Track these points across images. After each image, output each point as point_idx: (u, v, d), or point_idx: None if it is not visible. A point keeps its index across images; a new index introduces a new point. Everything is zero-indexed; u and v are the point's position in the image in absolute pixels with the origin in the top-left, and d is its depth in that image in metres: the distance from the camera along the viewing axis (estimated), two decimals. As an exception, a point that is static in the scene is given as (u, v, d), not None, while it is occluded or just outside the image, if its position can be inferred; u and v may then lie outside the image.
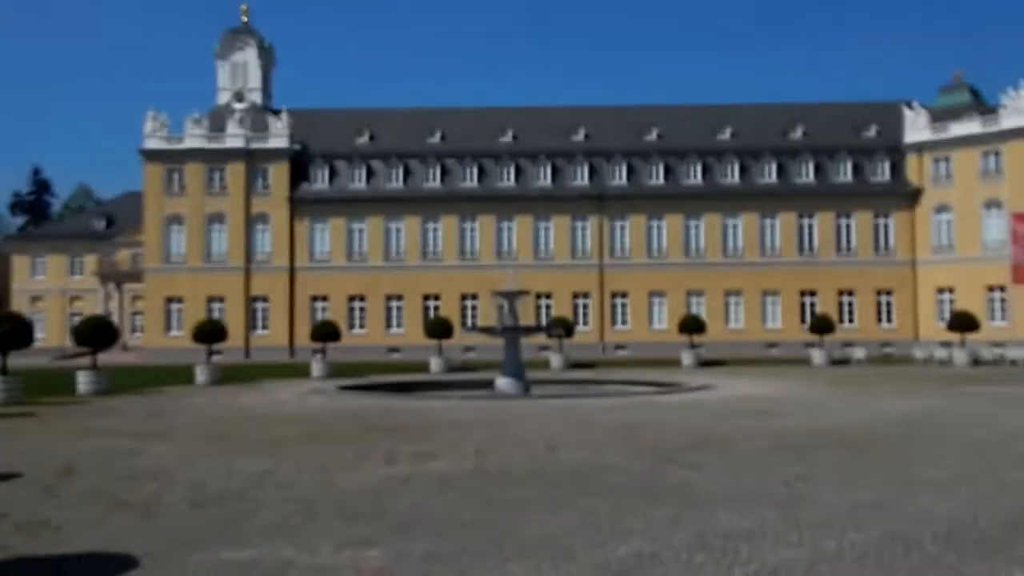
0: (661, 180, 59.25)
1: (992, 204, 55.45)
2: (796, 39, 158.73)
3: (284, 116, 59.80)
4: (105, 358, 34.00)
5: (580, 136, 61.21)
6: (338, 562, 7.36)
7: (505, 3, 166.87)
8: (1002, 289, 52.93)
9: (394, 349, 56.13)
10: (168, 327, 57.87)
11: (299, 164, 59.36)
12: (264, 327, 58.44)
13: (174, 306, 58.23)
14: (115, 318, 62.52)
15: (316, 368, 37.40)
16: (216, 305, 57.49)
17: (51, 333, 71.08)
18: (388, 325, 58.52)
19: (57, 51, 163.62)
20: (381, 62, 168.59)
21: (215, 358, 36.52)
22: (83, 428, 18.15)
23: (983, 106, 60.40)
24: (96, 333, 29.77)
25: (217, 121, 60.10)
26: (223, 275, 58.17)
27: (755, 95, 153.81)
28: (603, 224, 58.90)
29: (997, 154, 55.57)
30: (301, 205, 58.95)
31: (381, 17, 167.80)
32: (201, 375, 33.15)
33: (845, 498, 9.92)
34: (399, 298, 58.61)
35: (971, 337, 44.10)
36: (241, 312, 57.63)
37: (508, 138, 61.10)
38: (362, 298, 58.65)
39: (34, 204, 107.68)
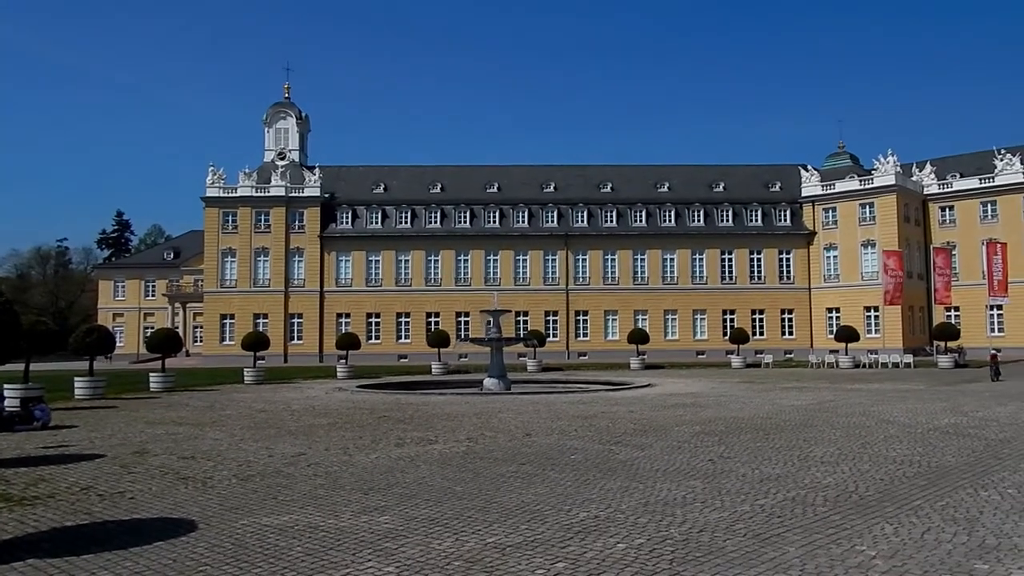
0: (614, 223, 59.47)
1: (868, 244, 56.04)
2: (719, 114, 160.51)
3: (317, 171, 59.68)
4: (171, 363, 33.55)
5: (551, 188, 61.39)
6: (356, 525, 7.27)
7: (491, 83, 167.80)
8: (876, 309, 53.37)
9: (403, 356, 55.76)
10: (223, 338, 57.24)
11: (328, 209, 59.15)
12: (299, 338, 57.92)
13: (227, 321, 57.62)
14: (180, 331, 61.78)
15: (340, 371, 37.03)
16: (261, 320, 56.93)
17: (129, 342, 70.24)
18: (398, 337, 58.16)
19: (135, 118, 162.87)
20: (394, 128, 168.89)
21: (260, 363, 36.09)
22: (154, 418, 17.89)
23: (860, 168, 61.27)
24: (165, 342, 29.39)
25: (264, 175, 59.90)
26: (267, 296, 57.68)
27: (687, 158, 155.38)
28: (568, 257, 58.99)
29: (871, 205, 56.26)
30: (329, 241, 58.67)
31: (395, 92, 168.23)
32: (248, 376, 32.75)
33: (756, 471, 9.92)
34: (407, 315, 58.30)
35: (853, 346, 44.34)
36: (281, 326, 57.11)
37: (494, 189, 61.18)
38: (378, 315, 58.29)
39: (117, 240, 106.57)
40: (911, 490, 8.69)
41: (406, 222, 59.34)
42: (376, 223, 59.33)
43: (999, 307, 51.82)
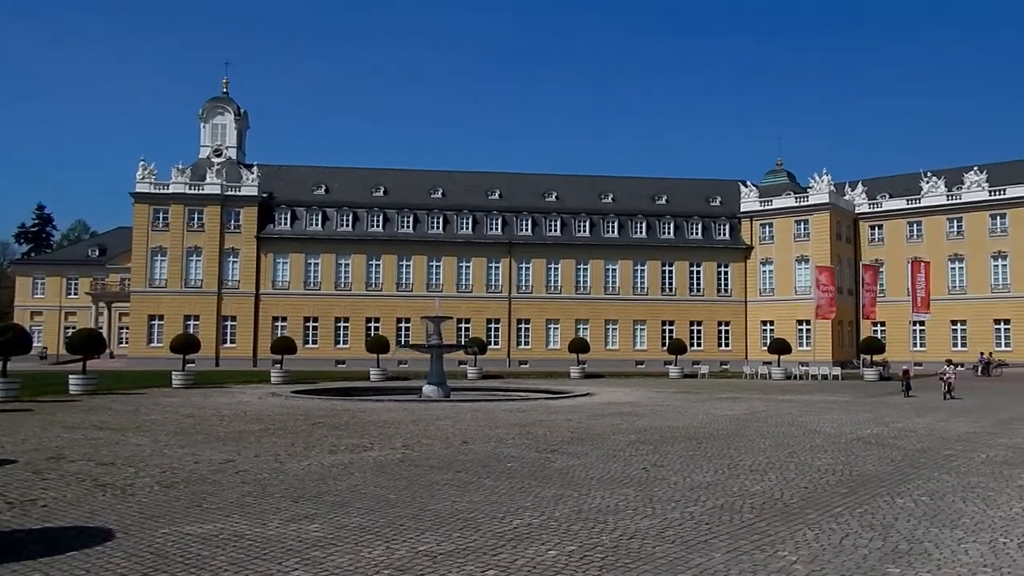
0: (558, 232, 59.99)
1: (802, 259, 57.99)
2: (663, 128, 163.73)
3: (255, 170, 58.51)
4: (94, 364, 32.29)
5: (496, 196, 61.57)
6: (284, 534, 7.15)
7: (436, 87, 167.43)
8: (808, 323, 55.22)
9: (341, 361, 54.98)
10: (150, 340, 55.45)
11: (266, 209, 58.01)
12: (232, 341, 56.53)
13: (156, 322, 55.84)
14: (104, 331, 59.52)
15: (275, 375, 36.23)
16: (192, 322, 55.37)
17: (48, 343, 67.40)
18: (336, 342, 57.34)
19: (61, 107, 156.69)
20: (337, 128, 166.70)
21: (189, 366, 35.03)
22: (72, 422, 17.16)
23: (797, 186, 63.42)
24: (87, 343, 28.24)
25: (198, 171, 58.38)
26: (199, 297, 56.15)
27: (631, 170, 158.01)
28: (512, 265, 59.22)
29: (806, 222, 58.27)
30: (267, 242, 57.51)
31: (337, 91, 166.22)
32: (177, 380, 31.74)
33: (687, 480, 10.14)
34: (346, 320, 57.56)
35: (785, 358, 45.70)
36: (213, 328, 55.66)
37: (438, 195, 61.02)
38: (315, 319, 57.37)
39: (37, 235, 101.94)
40: (833, 497, 9.02)
41: (347, 225, 58.61)
42: (316, 225, 58.41)
43: (921, 323, 54.34)
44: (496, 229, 59.40)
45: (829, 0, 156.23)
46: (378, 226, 58.76)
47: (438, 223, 59.27)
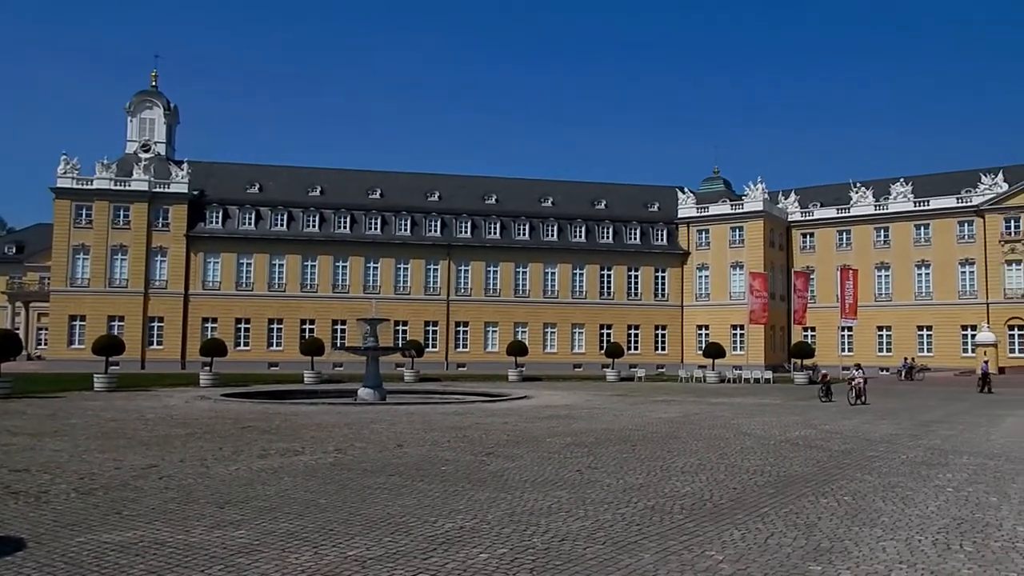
0: (497, 235, 60.12)
1: (736, 265, 59.60)
2: (603, 132, 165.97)
3: (185, 166, 56.82)
4: (9, 366, 30.79)
5: (435, 197, 61.31)
6: (208, 540, 6.97)
7: (378, 83, 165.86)
8: (741, 327, 56.72)
9: (274, 364, 53.83)
10: (71, 341, 53.18)
11: (197, 207, 56.37)
12: (159, 343, 54.70)
13: (77, 323, 53.58)
14: (21, 332, 56.88)
15: (204, 378, 35.23)
16: (116, 323, 53.32)
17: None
18: (269, 344, 56.10)
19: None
20: (272, 125, 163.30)
21: (113, 368, 33.74)
22: (-17, 428, 16.35)
23: (732, 193, 65.15)
24: (1, 344, 26.90)
25: (125, 167, 56.31)
26: (123, 297, 54.16)
27: (570, 174, 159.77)
28: (451, 268, 59.07)
29: (740, 229, 59.92)
30: (197, 241, 55.89)
31: (273, 87, 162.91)
32: (99, 382, 30.54)
33: (621, 481, 10.31)
34: (280, 322, 56.39)
35: (719, 361, 46.84)
36: (139, 329, 53.76)
37: (376, 195, 60.41)
38: (247, 321, 56.02)
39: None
40: (760, 498, 9.31)
41: (282, 225, 57.47)
42: (249, 224, 57.08)
43: (849, 328, 56.54)
44: (435, 231, 59.16)
45: (765, 22, 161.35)
46: (314, 226, 57.82)
47: (376, 224, 58.70)
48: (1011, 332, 53.91)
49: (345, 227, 58.14)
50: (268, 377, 44.06)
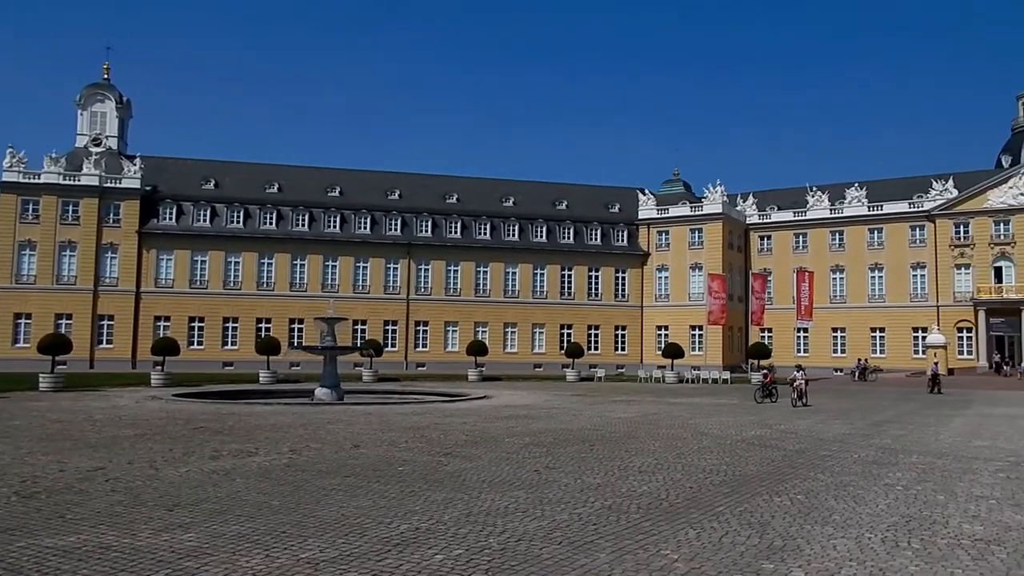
0: (458, 234, 59.98)
1: (695, 266, 60.40)
2: (563, 132, 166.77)
3: (137, 161, 55.47)
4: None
5: (395, 196, 60.91)
6: (156, 544, 6.81)
7: (338, 80, 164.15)
8: (700, 328, 57.49)
9: (229, 363, 52.89)
10: (15, 340, 51.53)
11: (150, 203, 55.07)
12: (109, 342, 53.33)
13: (22, 321, 51.92)
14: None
15: (156, 378, 34.46)
16: (64, 321, 51.81)
17: None
18: (224, 343, 55.11)
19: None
20: (229, 120, 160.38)
21: (60, 368, 32.79)
22: (-82, 429, 15.74)
23: (692, 196, 66.03)
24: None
25: (75, 161, 54.80)
26: (72, 295, 52.67)
27: (532, 174, 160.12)
28: (411, 267, 58.75)
29: (700, 231, 60.74)
30: (149, 238, 54.63)
31: (230, 81, 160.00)
32: (45, 382, 29.65)
33: (578, 481, 10.36)
34: (235, 320, 55.42)
35: (678, 362, 47.33)
36: (88, 328, 52.33)
37: (335, 193, 59.77)
38: (202, 319, 54.95)
39: None
40: (716, 497, 9.44)
41: (238, 222, 56.51)
42: (204, 221, 55.99)
43: (805, 330, 57.77)
44: (395, 229, 58.77)
45: (725, 25, 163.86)
46: (271, 224, 56.98)
47: (335, 222, 58.09)
48: (960, 334, 55.62)
49: (303, 225, 57.43)
50: (222, 377, 43.26)
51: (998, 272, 54.86)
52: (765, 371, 32.04)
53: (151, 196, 55.15)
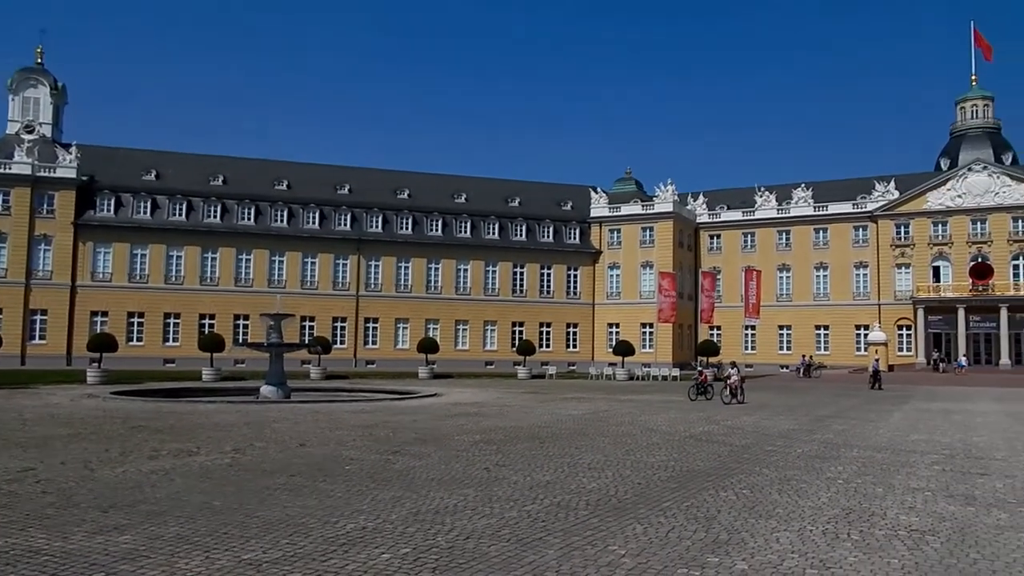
0: (409, 230, 59.58)
1: (647, 265, 61.20)
2: (517, 130, 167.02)
3: (73, 150, 53.62)
4: None
5: (345, 190, 60.17)
6: (89, 547, 6.60)
7: (284, 69, 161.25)
8: (651, 326, 58.29)
9: (170, 360, 51.59)
10: (-60, 335, 49.34)
11: (87, 193, 53.31)
12: (42, 337, 51.48)
13: (-52, 316, 49.79)
14: None
15: (92, 375, 33.41)
16: (-7, 316, 49.85)
17: None
18: (165, 339, 53.72)
19: None
20: (171, 109, 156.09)
21: (-12, 365, 31.52)
22: None
23: (644, 194, 66.82)
24: None
25: (5, 148, 52.68)
26: (2, 289, 50.66)
27: (484, 170, 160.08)
28: (360, 262, 58.14)
29: (651, 229, 61.56)
30: (86, 230, 52.88)
31: (172, 68, 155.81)
32: (-29, 381, 28.47)
33: (528, 478, 10.40)
34: (177, 316, 54.06)
35: (629, 359, 47.93)
36: (19, 323, 50.43)
37: (283, 187, 58.77)
38: (141, 315, 53.45)
39: None
40: (663, 492, 9.58)
41: (181, 214, 55.12)
42: (144, 213, 54.45)
43: (753, 327, 59.09)
44: (345, 225, 58.09)
45: (675, 27, 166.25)
46: (216, 217, 55.71)
47: (282, 216, 57.13)
48: (900, 332, 57.61)
49: (249, 219, 56.33)
50: (163, 374, 42.17)
51: (936, 272, 56.98)
52: (699, 369, 32.30)
53: (88, 186, 53.41)
